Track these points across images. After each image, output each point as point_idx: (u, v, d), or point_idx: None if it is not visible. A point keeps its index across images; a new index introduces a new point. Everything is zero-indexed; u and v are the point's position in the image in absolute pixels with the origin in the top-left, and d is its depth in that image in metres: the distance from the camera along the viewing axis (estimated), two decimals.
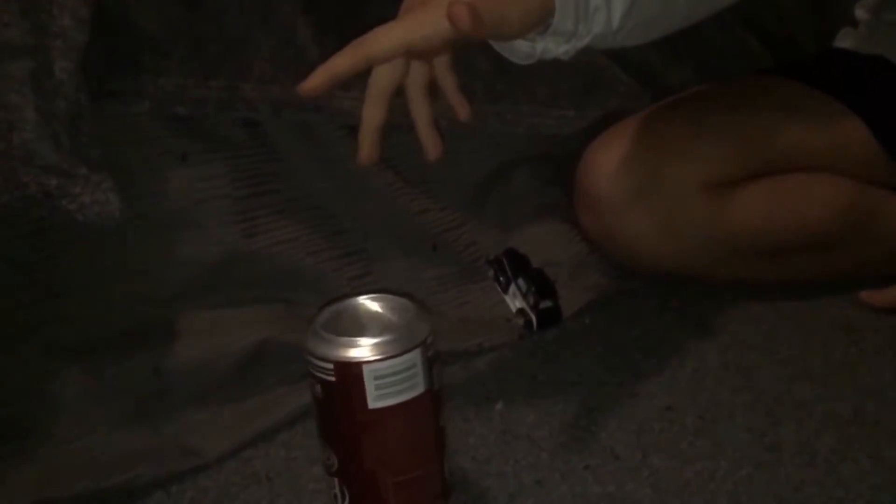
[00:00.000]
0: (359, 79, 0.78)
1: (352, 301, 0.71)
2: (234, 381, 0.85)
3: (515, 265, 1.01)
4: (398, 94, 0.76)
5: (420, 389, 0.67)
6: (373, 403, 0.66)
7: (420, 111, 0.76)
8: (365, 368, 0.66)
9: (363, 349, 0.66)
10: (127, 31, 0.82)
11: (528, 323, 0.98)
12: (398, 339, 0.66)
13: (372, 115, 0.74)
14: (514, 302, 0.99)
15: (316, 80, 0.69)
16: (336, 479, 0.70)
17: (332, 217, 0.93)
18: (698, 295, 1.00)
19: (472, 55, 0.93)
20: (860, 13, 1.08)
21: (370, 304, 0.71)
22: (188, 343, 0.85)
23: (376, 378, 0.66)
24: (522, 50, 0.70)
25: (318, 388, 0.68)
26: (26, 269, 0.80)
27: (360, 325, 0.69)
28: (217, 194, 0.87)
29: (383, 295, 0.71)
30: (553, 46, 0.70)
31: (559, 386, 0.89)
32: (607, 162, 0.94)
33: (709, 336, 0.95)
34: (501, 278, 1.00)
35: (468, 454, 0.80)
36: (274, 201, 0.90)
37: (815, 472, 0.76)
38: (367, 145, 0.74)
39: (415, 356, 0.67)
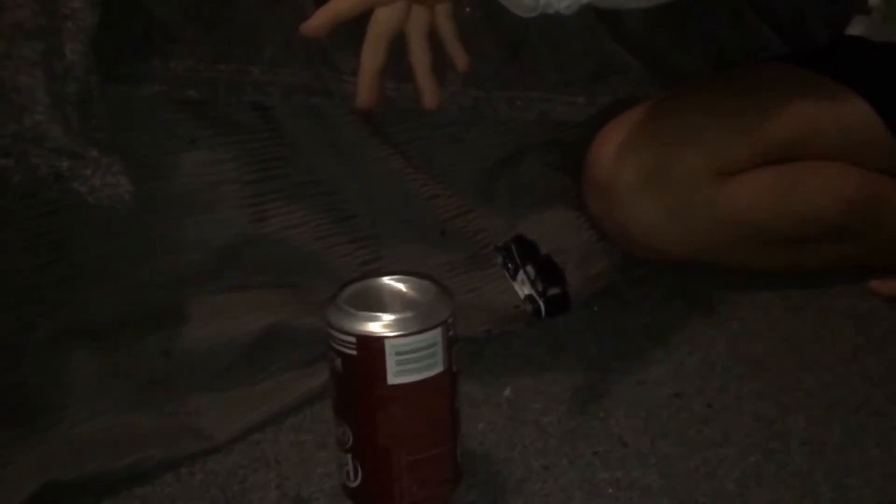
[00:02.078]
0: None
1: (375, 280, 0.72)
2: (242, 364, 0.86)
3: (524, 252, 1.00)
4: (406, 79, 0.76)
5: (439, 368, 0.68)
6: (392, 379, 0.67)
7: (419, 56, 0.75)
8: (387, 343, 0.66)
9: (386, 324, 0.66)
10: (137, 14, 0.82)
11: (537, 310, 0.97)
12: (421, 317, 0.67)
13: (371, 57, 0.73)
14: (523, 289, 0.99)
15: (318, 21, 0.69)
16: (349, 455, 0.70)
17: (342, 202, 0.93)
18: (707, 283, 1.00)
19: (483, 41, 0.93)
20: (873, 1, 1.07)
21: (393, 283, 0.71)
22: (197, 326, 0.85)
23: (398, 353, 0.66)
24: (525, 2, 0.70)
25: (339, 361, 0.68)
26: (37, 251, 0.80)
27: (382, 303, 0.69)
28: (226, 178, 0.87)
29: (406, 276, 0.72)
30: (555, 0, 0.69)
31: (567, 372, 0.89)
32: (616, 149, 0.93)
33: (717, 324, 0.95)
34: (510, 265, 1.00)
35: (476, 439, 0.80)
36: (283, 186, 0.90)
37: (822, 461, 0.76)
38: (366, 89, 0.73)
39: (436, 334, 0.67)
